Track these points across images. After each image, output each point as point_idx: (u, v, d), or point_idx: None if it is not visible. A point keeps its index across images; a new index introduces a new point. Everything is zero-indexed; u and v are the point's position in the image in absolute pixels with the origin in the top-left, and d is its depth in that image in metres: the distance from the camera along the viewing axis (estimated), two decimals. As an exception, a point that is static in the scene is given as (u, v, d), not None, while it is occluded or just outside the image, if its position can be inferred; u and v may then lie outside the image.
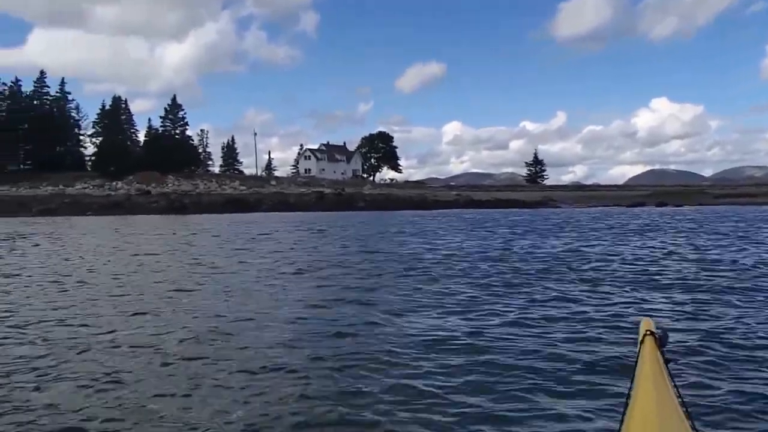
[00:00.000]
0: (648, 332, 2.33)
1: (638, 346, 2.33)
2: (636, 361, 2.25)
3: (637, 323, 2.51)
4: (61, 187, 78.41)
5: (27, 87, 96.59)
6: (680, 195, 75.75)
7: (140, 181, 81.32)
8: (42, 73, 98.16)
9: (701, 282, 9.96)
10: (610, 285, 9.83)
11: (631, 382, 2.11)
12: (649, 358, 2.20)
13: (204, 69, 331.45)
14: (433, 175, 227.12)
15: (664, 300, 8.40)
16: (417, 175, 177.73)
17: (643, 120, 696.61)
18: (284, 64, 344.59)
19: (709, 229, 26.04)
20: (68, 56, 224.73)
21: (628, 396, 2.03)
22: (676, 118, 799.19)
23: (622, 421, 1.91)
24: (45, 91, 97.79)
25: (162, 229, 32.25)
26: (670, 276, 10.83)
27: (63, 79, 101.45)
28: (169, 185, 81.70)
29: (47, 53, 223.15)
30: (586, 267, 12.46)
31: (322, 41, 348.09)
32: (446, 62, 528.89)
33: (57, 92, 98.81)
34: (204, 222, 40.16)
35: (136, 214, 58.64)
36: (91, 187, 79.80)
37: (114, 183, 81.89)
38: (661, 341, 2.32)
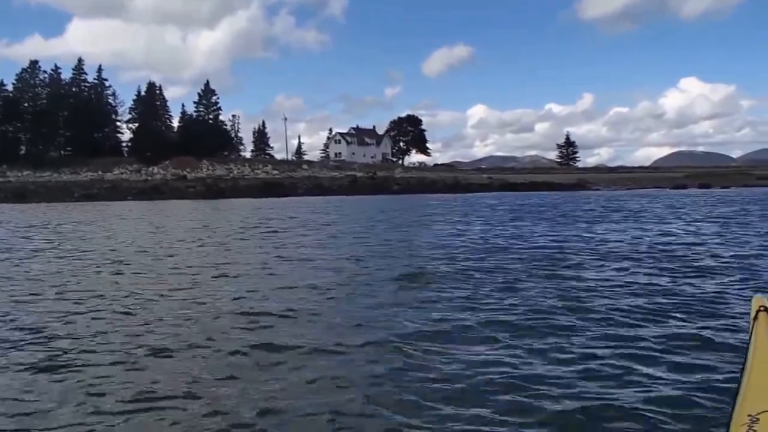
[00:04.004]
0: (762, 308, 2.30)
1: (751, 322, 2.31)
2: (749, 337, 2.22)
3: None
4: (99, 173, 79.88)
5: (66, 74, 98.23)
6: (721, 177, 73.82)
7: (176, 167, 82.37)
8: (80, 60, 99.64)
9: None
10: None
11: (745, 358, 2.09)
12: (764, 335, 2.16)
13: (235, 55, 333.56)
14: (458, 159, 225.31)
15: None
16: (441, 158, 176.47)
17: (672, 100, 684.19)
18: (313, 49, 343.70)
19: None
20: (105, 45, 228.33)
21: (742, 372, 2.00)
22: (706, 98, 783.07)
23: (736, 396, 1.88)
24: (83, 78, 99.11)
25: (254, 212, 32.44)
26: None
27: (100, 66, 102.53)
28: (204, 170, 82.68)
29: (86, 42, 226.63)
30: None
31: (350, 25, 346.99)
32: (472, 45, 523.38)
33: (95, 79, 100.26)
34: (269, 206, 40.21)
35: (174, 199, 59.07)
36: (128, 172, 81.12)
37: (150, 168, 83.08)
38: None
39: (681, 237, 14.96)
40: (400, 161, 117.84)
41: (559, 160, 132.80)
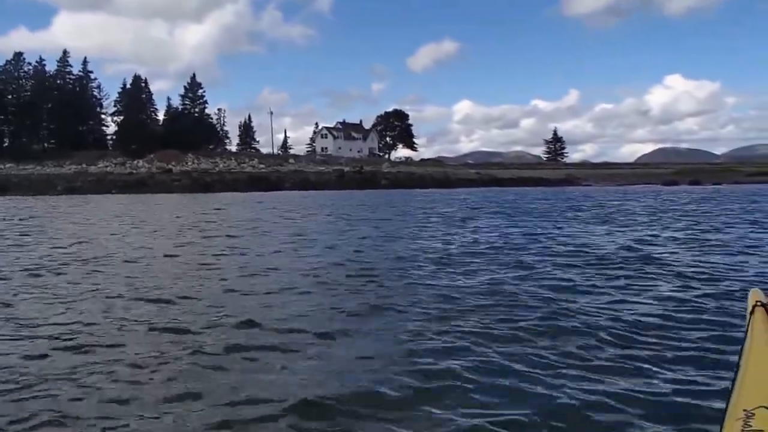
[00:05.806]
0: (758, 303, 2.29)
1: (747, 317, 2.28)
2: (745, 333, 2.19)
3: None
4: (83, 165, 78.80)
5: (51, 67, 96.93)
6: (710, 173, 73.88)
7: (161, 160, 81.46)
8: (65, 52, 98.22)
9: None
10: None
11: (741, 352, 2.04)
12: (761, 329, 2.14)
13: (222, 49, 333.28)
14: (444, 154, 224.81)
15: None
16: (426, 153, 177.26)
17: (657, 97, 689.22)
18: (299, 44, 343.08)
19: None
20: (92, 38, 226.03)
21: (737, 368, 1.96)
22: (690, 95, 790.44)
23: (731, 391, 1.84)
24: (68, 70, 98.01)
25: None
26: None
27: (85, 58, 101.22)
28: (189, 164, 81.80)
29: (72, 35, 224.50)
30: None
31: (337, 21, 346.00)
32: (459, 40, 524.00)
33: (80, 72, 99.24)
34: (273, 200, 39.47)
35: (160, 192, 58.35)
36: (113, 166, 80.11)
37: (135, 161, 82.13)
38: None
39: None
40: (387, 156, 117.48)
41: (546, 155, 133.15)
